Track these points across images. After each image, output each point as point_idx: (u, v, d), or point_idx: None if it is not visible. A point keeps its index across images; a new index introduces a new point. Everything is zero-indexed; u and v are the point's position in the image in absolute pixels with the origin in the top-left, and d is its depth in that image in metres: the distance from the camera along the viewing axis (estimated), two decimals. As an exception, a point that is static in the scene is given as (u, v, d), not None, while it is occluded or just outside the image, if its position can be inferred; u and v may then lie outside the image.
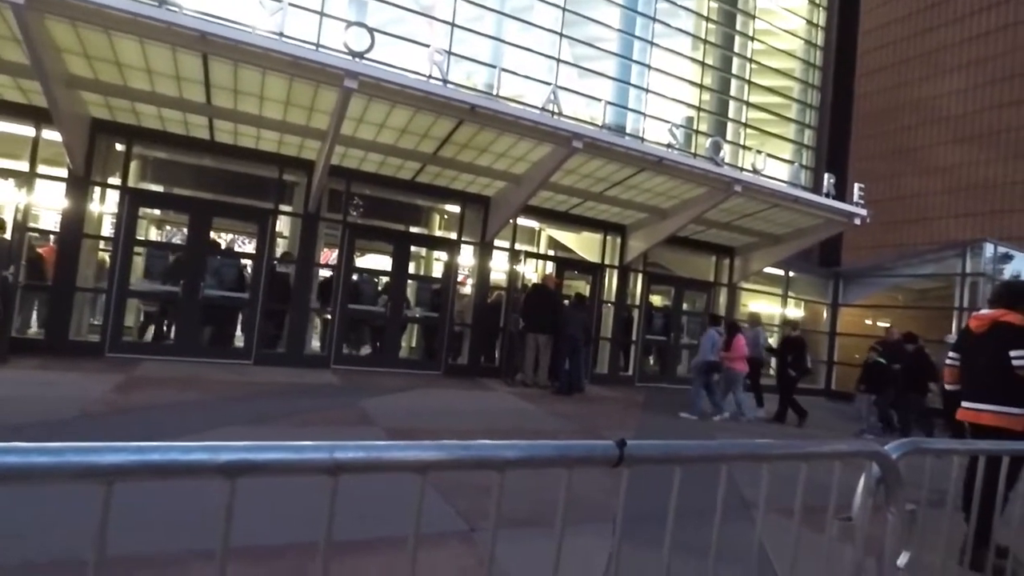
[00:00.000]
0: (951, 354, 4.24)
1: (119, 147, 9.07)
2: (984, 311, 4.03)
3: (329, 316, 10.12)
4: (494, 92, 9.88)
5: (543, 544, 1.15)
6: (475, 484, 3.58)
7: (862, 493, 1.83)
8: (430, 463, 0.94)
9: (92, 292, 9.31)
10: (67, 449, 0.71)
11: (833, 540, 1.82)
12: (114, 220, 9.08)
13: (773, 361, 11.14)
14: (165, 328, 9.74)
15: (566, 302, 10.75)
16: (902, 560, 1.98)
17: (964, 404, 3.88)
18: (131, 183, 9.19)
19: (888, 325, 11.09)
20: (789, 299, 15.35)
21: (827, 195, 11.23)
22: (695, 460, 1.29)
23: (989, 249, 13.91)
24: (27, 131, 8.39)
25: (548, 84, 11.12)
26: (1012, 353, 3.57)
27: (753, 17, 18.37)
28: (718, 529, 1.51)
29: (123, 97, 8.02)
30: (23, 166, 8.38)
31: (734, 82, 18.02)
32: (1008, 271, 14.86)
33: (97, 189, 8.98)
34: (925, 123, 36.67)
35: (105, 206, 9.45)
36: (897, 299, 16.18)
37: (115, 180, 9.07)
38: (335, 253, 10.51)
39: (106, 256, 9.36)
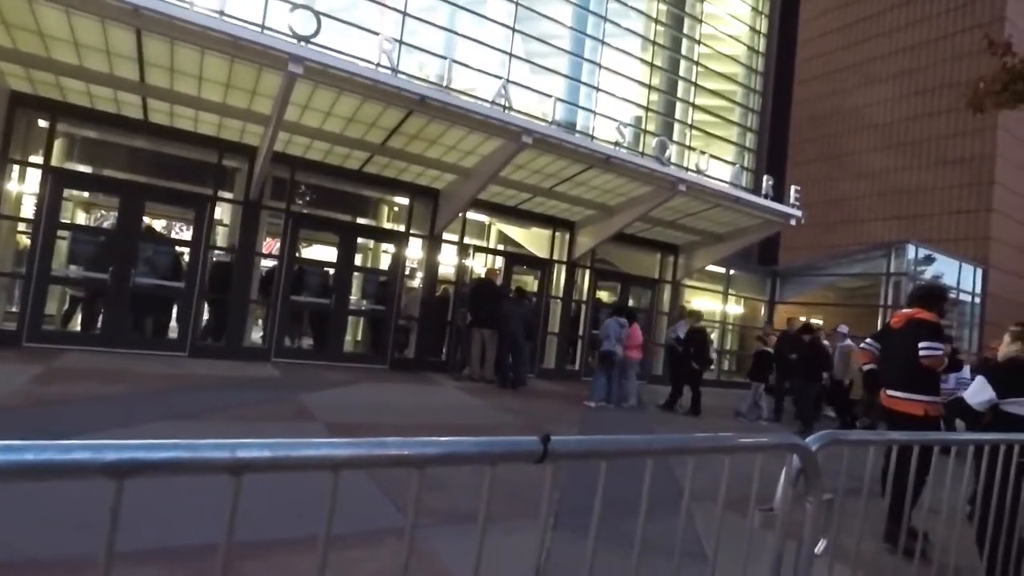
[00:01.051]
0: (868, 340, 4.71)
1: (42, 123, 8.47)
2: (904, 310, 4.39)
3: (270, 308, 9.80)
4: (445, 84, 9.75)
5: (487, 539, 1.14)
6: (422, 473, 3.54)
7: (783, 484, 1.90)
8: (343, 461, 0.91)
9: (9, 277, 8.69)
10: (-77, 450, 0.64)
11: (756, 529, 1.89)
12: (35, 201, 8.49)
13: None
14: (91, 317, 9.18)
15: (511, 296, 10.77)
16: (819, 547, 2.08)
17: (887, 392, 4.26)
18: (55, 162, 8.60)
19: (814, 321, 11.67)
20: (730, 296, 15.91)
21: (766, 196, 11.68)
22: (619, 455, 1.31)
23: (911, 251, 14.84)
24: (-66, 103, 7.74)
25: (500, 78, 11.11)
26: (921, 344, 3.97)
27: (700, 21, 18.85)
28: (645, 520, 1.53)
29: (46, 70, 7.50)
30: (-71, 140, 7.73)
31: (681, 84, 18.45)
32: (928, 271, 15.90)
33: (16, 167, 8.38)
34: (856, 130, 38.60)
35: (25, 185, 8.82)
36: (828, 296, 17.05)
37: (37, 158, 8.46)
38: (278, 243, 10.17)
39: (26, 239, 8.75)
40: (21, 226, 8.92)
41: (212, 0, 7.57)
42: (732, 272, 15.70)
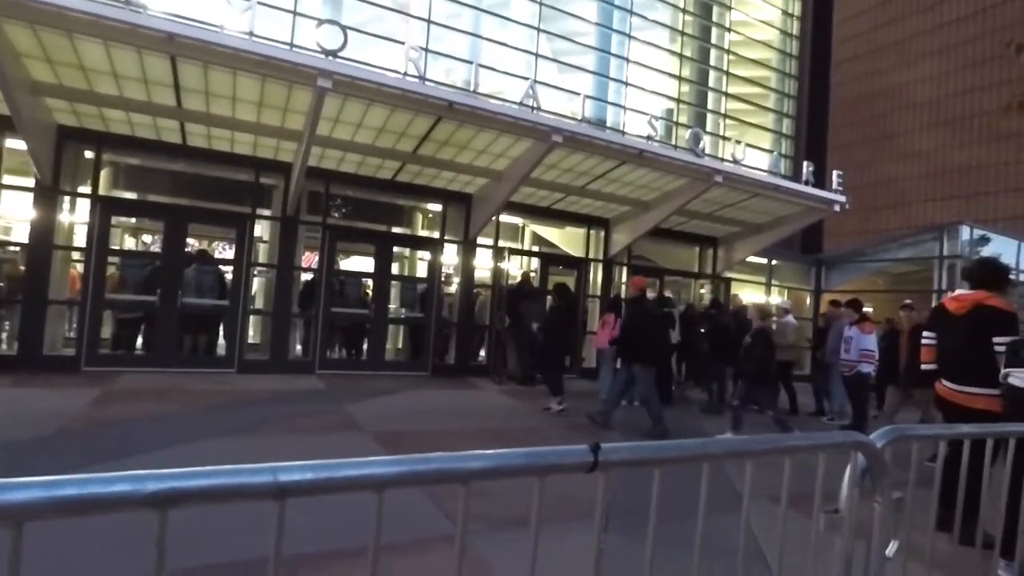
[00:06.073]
0: (927, 334, 4.25)
1: (88, 154, 8.84)
2: (963, 292, 4.01)
3: (312, 320, 9.97)
4: (472, 88, 9.78)
5: (539, 547, 1.10)
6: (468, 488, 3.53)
7: (848, 483, 1.80)
8: (387, 480, 0.88)
9: (66, 304, 9.09)
10: (-35, 488, 0.63)
11: (821, 533, 1.79)
12: (86, 230, 8.86)
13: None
14: (143, 339, 9.52)
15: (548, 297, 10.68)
16: (891, 549, 1.96)
17: (945, 384, 3.90)
18: (102, 191, 8.94)
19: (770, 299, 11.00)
20: (773, 287, 15.46)
21: (806, 183, 11.30)
22: (672, 461, 1.24)
23: (965, 232, 14.10)
24: (-10, 140, 8.14)
25: (527, 79, 11.07)
26: (996, 340, 3.59)
27: (729, 8, 18.43)
28: (704, 524, 1.47)
29: (90, 103, 7.81)
30: (-12, 176, 8.14)
31: (712, 73, 18.07)
32: (985, 252, 15.07)
33: (67, 198, 8.76)
34: (900, 109, 37.12)
35: (76, 215, 9.19)
36: (878, 283, 16.38)
37: (85, 188, 8.83)
38: (316, 256, 10.35)
39: (79, 267, 9.14)
40: (74, 255, 9.31)
41: (241, 22, 7.76)
42: (774, 262, 15.25)
